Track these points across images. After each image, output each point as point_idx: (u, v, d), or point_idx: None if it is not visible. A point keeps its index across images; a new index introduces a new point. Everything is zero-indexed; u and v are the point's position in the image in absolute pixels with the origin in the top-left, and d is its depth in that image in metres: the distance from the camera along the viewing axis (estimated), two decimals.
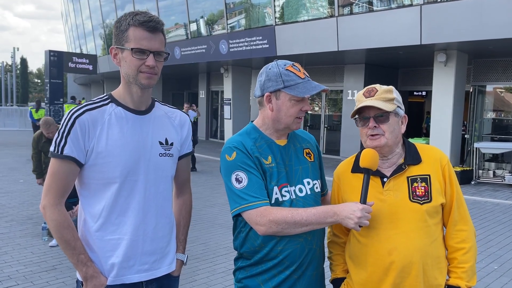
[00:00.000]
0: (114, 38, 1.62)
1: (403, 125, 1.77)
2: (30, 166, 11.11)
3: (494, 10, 8.45)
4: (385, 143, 1.70)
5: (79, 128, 1.56)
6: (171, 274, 1.80)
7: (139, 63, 1.58)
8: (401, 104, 1.77)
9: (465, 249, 1.70)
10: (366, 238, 1.73)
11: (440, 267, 1.71)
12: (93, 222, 1.64)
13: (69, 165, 1.58)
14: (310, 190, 1.77)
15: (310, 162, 1.83)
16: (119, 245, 1.63)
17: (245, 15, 13.94)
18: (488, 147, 10.59)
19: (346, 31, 10.89)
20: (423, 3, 9.43)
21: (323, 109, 15.41)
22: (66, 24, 31.85)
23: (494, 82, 12.17)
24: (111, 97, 1.68)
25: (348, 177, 1.84)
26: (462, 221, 1.73)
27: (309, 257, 1.73)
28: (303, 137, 1.89)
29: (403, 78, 14.69)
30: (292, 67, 1.72)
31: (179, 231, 1.88)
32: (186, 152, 1.85)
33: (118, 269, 1.64)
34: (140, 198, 1.65)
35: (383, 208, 1.69)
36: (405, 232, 1.66)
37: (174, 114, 1.82)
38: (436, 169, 1.71)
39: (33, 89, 78.83)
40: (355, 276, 1.79)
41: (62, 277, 4.25)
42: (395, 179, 1.71)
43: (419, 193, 1.68)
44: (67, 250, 1.60)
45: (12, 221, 6.13)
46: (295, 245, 1.69)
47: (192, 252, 5.04)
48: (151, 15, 1.60)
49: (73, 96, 21.64)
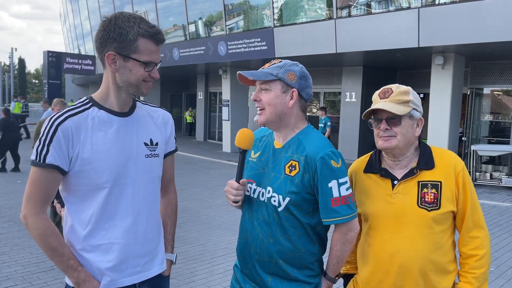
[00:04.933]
0: (111, 42, 1.53)
1: (419, 128, 1.73)
2: (28, 167, 11.07)
3: (492, 13, 8.50)
4: (396, 145, 1.69)
5: (62, 135, 1.52)
6: (162, 274, 1.80)
7: (146, 74, 1.58)
8: (418, 106, 1.73)
9: (478, 256, 1.67)
10: (372, 239, 1.75)
11: (445, 272, 1.69)
12: (82, 228, 1.60)
13: (51, 173, 1.53)
14: (267, 199, 1.72)
15: (286, 175, 1.68)
16: (110, 250, 1.61)
17: (243, 17, 13.96)
18: (485, 150, 10.63)
19: (345, 33, 10.93)
20: (421, 6, 9.48)
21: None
22: (65, 25, 31.82)
23: (491, 85, 12.23)
24: (92, 100, 1.63)
25: (361, 177, 1.84)
26: (476, 228, 1.69)
27: (249, 257, 1.78)
28: (305, 148, 1.69)
29: (400, 80, 14.73)
30: None
31: (166, 231, 1.86)
32: (170, 150, 1.84)
33: (111, 274, 1.62)
34: (129, 201, 1.63)
35: (390, 210, 1.70)
36: (409, 237, 1.66)
37: (157, 113, 1.78)
38: (449, 175, 1.67)
39: (31, 90, 78.64)
40: (361, 274, 1.83)
41: (61, 278, 4.25)
42: (405, 182, 1.70)
43: (428, 199, 1.66)
44: (55, 257, 1.56)
45: (10, 222, 6.13)
46: (241, 239, 1.84)
47: (190, 254, 5.05)
48: (153, 24, 1.59)
49: (16, 95, 21.63)
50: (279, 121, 1.72)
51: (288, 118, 1.73)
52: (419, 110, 1.73)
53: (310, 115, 16.15)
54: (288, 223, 1.68)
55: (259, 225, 1.74)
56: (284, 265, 1.70)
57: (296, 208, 1.67)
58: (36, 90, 79.87)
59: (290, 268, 1.71)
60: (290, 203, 1.66)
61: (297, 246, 1.70)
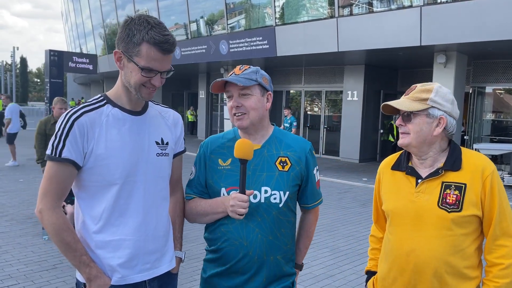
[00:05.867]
0: (121, 41, 1.57)
1: (438, 128, 1.65)
2: (30, 165, 11.16)
3: (494, 11, 8.47)
4: (409, 143, 1.67)
5: (78, 130, 1.55)
6: (171, 271, 1.83)
7: (144, 79, 1.58)
8: (441, 105, 1.66)
9: (503, 265, 1.60)
10: (392, 235, 1.75)
11: (464, 277, 1.64)
12: (94, 224, 1.63)
13: (67, 168, 1.56)
14: (265, 199, 1.74)
15: (281, 171, 1.77)
16: (121, 246, 1.64)
17: (245, 16, 13.96)
18: (487, 149, 10.61)
19: (346, 32, 10.92)
20: (423, 5, 9.46)
21: (323, 109, 15.42)
22: (66, 24, 31.87)
23: (493, 84, 12.21)
24: (107, 98, 1.67)
25: (387, 173, 1.83)
26: (504, 237, 1.62)
27: (246, 261, 1.75)
28: (289, 144, 1.83)
29: (402, 79, 14.72)
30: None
31: (175, 229, 1.89)
32: (179, 150, 1.88)
33: (122, 270, 1.65)
34: (139, 199, 1.66)
35: (412, 208, 1.68)
36: (427, 237, 1.64)
37: (168, 114, 1.83)
38: (475, 179, 1.62)
39: (32, 89, 78.78)
40: (379, 270, 1.83)
41: (63, 276, 4.26)
42: (429, 182, 1.67)
43: (449, 201, 1.62)
44: (68, 252, 1.59)
45: (12, 220, 6.14)
46: (230, 246, 1.78)
47: (192, 252, 5.05)
48: (166, 32, 1.55)
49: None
50: (259, 124, 1.81)
51: (265, 120, 1.85)
52: (444, 109, 1.66)
53: (311, 114, 16.15)
54: (285, 218, 1.79)
55: (257, 226, 1.74)
56: (281, 261, 1.80)
57: (291, 200, 1.81)
58: (38, 89, 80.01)
59: (284, 264, 1.81)
60: (289, 196, 1.78)
61: (289, 239, 1.83)
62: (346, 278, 4.41)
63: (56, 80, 16.95)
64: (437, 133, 1.66)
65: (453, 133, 1.72)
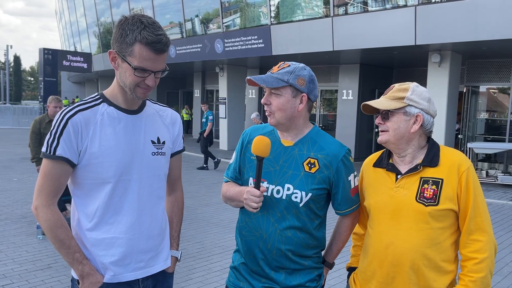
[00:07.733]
0: (115, 41, 1.58)
1: (415, 125, 1.72)
2: (24, 165, 11.10)
3: (488, 11, 8.53)
4: (387, 140, 1.74)
5: (72, 128, 1.56)
6: (166, 270, 1.83)
7: (138, 80, 1.58)
8: (418, 103, 1.72)
9: (477, 259, 1.64)
10: (373, 230, 1.80)
11: (441, 270, 1.69)
12: (88, 221, 1.64)
13: (61, 165, 1.57)
14: (287, 196, 1.77)
15: (306, 172, 1.78)
16: (114, 244, 1.64)
17: (240, 14, 13.95)
18: (481, 147, 10.68)
19: (341, 31, 10.94)
20: (417, 4, 9.50)
21: (318, 108, 15.46)
22: (60, 22, 31.68)
23: (487, 83, 12.29)
24: (103, 96, 1.68)
25: (369, 170, 1.89)
26: (478, 231, 1.66)
27: (266, 252, 1.80)
28: (322, 147, 1.82)
29: (397, 78, 14.78)
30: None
31: (172, 228, 1.90)
32: (178, 149, 1.88)
33: (114, 268, 1.65)
34: (134, 197, 1.66)
35: (390, 203, 1.74)
36: (405, 230, 1.69)
37: (165, 113, 1.83)
38: (452, 175, 1.67)
39: (26, 87, 78.31)
40: (360, 264, 1.89)
41: (58, 276, 4.25)
42: (408, 177, 1.73)
43: (426, 195, 1.67)
44: (62, 249, 1.60)
45: (6, 220, 6.11)
46: (251, 236, 1.84)
47: (188, 251, 5.05)
48: (159, 32, 1.56)
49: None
50: (288, 123, 1.80)
51: (297, 120, 1.81)
52: (420, 107, 1.72)
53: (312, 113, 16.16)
54: (306, 217, 1.80)
55: (276, 221, 1.78)
56: (299, 257, 1.82)
57: (314, 202, 1.79)
58: (31, 87, 79.56)
59: (304, 259, 1.83)
60: (311, 198, 1.77)
61: (311, 237, 1.82)
62: (341, 277, 4.43)
63: (50, 79, 16.86)
64: (414, 130, 1.72)
65: (431, 130, 1.78)
